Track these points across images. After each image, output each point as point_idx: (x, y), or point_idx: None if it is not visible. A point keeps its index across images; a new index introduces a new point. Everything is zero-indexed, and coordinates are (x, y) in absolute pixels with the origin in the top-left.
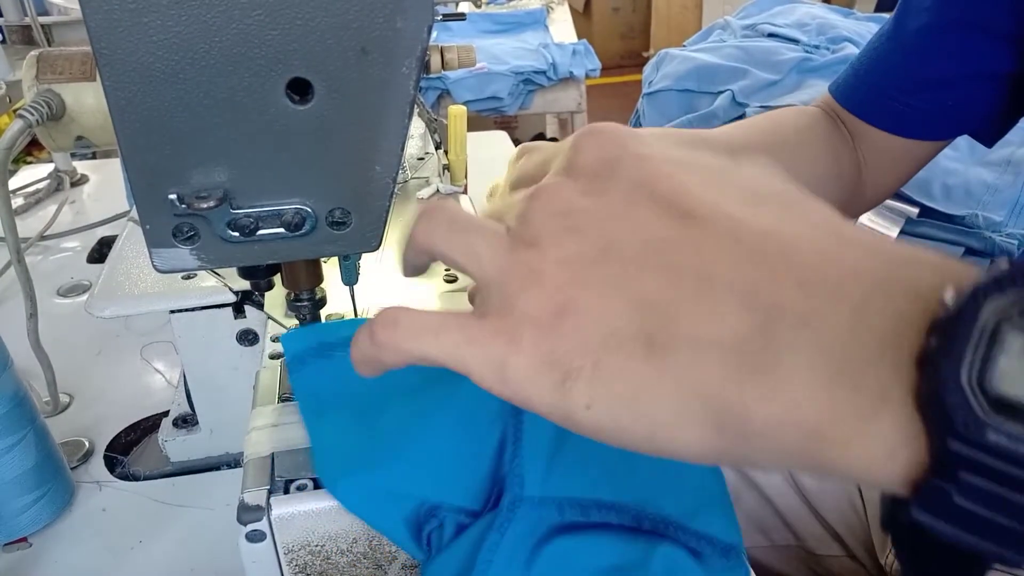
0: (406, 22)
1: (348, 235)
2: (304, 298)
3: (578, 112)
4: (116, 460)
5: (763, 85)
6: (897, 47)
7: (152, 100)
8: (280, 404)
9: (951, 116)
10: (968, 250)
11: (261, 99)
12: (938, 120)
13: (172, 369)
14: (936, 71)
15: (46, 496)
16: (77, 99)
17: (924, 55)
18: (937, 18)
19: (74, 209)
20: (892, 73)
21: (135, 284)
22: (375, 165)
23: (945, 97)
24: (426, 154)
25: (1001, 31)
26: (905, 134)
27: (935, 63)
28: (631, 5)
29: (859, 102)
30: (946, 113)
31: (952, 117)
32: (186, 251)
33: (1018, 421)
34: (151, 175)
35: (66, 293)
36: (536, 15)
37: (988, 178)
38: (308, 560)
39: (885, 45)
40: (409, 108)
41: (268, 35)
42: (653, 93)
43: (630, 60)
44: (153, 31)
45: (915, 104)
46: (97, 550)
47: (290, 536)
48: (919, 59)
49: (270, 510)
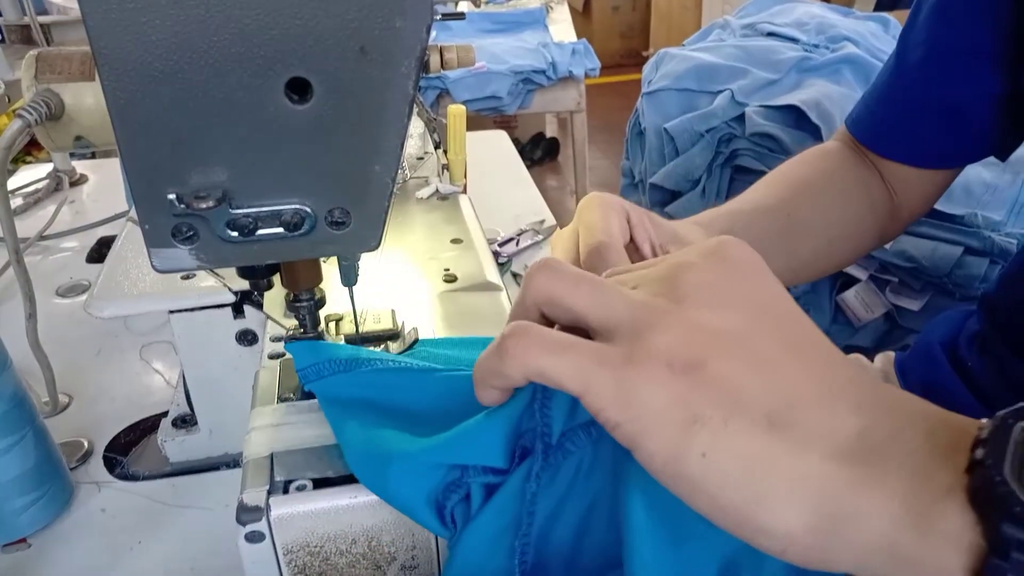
0: (405, 22)
1: (347, 235)
2: (303, 298)
3: (577, 111)
4: (115, 460)
5: (762, 84)
6: (900, 81)
7: (151, 100)
8: (279, 404)
9: (961, 142)
10: (967, 249)
11: (260, 99)
12: (948, 147)
13: (171, 369)
14: (939, 99)
15: (45, 496)
16: (76, 99)
17: (925, 85)
18: (932, 50)
19: (73, 209)
20: (899, 106)
21: (134, 284)
22: (374, 165)
23: (951, 123)
24: (425, 153)
25: (990, 54)
26: (919, 164)
27: (936, 92)
28: (631, 4)
29: (873, 137)
30: (956, 139)
31: (962, 142)
32: (185, 251)
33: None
34: (150, 175)
35: (65, 293)
36: (535, 14)
37: (988, 177)
38: (307, 560)
39: (891, 79)
40: (408, 108)
41: (267, 35)
42: (652, 92)
43: (630, 59)
44: (152, 31)
45: (924, 135)
46: (96, 550)
47: (289, 536)
48: (922, 90)
49: (269, 510)
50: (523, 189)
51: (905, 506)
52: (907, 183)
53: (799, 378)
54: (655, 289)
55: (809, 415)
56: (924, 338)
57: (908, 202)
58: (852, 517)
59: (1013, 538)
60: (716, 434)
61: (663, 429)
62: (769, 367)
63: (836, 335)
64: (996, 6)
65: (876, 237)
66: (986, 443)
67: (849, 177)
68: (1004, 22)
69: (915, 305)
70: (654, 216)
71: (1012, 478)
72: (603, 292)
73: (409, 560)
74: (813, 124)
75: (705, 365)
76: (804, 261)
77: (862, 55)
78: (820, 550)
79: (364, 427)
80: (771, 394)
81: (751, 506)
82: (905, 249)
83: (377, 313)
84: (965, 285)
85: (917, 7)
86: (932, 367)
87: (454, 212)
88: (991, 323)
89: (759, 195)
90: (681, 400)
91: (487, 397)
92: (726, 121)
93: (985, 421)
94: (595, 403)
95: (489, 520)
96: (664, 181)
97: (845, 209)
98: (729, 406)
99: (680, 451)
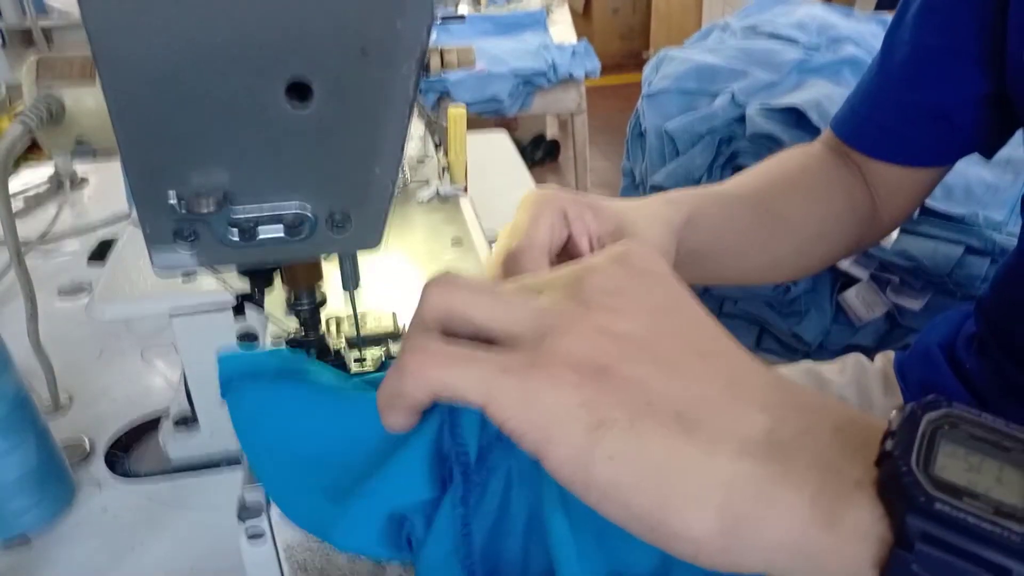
0: (406, 23)
1: (348, 237)
2: (304, 299)
3: (578, 113)
4: (116, 460)
5: (763, 85)
6: (885, 80)
7: (151, 102)
8: None
9: (945, 141)
10: (969, 249)
11: (261, 100)
12: (933, 146)
13: (172, 370)
14: (922, 99)
15: (47, 496)
16: (77, 101)
17: (909, 85)
18: (916, 50)
19: (74, 211)
20: (884, 105)
21: (135, 286)
22: (375, 167)
23: (935, 123)
24: (426, 155)
25: (972, 55)
26: (904, 163)
27: (920, 92)
28: (631, 6)
29: (858, 136)
30: (940, 139)
31: (946, 142)
32: (186, 252)
33: (955, 495)
34: (151, 176)
35: (66, 294)
36: (536, 16)
37: (988, 177)
38: (307, 558)
39: (875, 79)
40: (409, 109)
41: (267, 37)
42: (653, 94)
43: (630, 61)
44: (152, 32)
45: (908, 133)
46: (97, 550)
47: (290, 534)
48: (906, 89)
49: (270, 509)
50: (524, 190)
51: (813, 502)
52: (891, 183)
53: (706, 379)
54: (560, 294)
55: (717, 415)
56: (923, 339)
57: (891, 204)
58: (761, 516)
59: (917, 529)
60: (623, 436)
61: (569, 435)
62: (675, 369)
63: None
64: (978, 5)
65: (854, 240)
66: (894, 434)
67: (830, 176)
68: (986, 21)
69: (916, 305)
70: (600, 205)
71: (918, 468)
72: (504, 300)
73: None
74: (813, 125)
75: (611, 368)
76: (778, 257)
77: (863, 56)
78: (730, 552)
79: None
80: (678, 395)
81: (662, 511)
82: (906, 249)
83: (378, 315)
84: (966, 285)
85: (904, 7)
86: (930, 368)
87: (455, 213)
88: (987, 325)
89: (737, 183)
90: (587, 404)
91: (394, 422)
92: (726, 122)
93: (894, 413)
94: (499, 413)
95: (433, 549)
96: (665, 182)
97: (823, 207)
98: (636, 408)
99: (587, 456)
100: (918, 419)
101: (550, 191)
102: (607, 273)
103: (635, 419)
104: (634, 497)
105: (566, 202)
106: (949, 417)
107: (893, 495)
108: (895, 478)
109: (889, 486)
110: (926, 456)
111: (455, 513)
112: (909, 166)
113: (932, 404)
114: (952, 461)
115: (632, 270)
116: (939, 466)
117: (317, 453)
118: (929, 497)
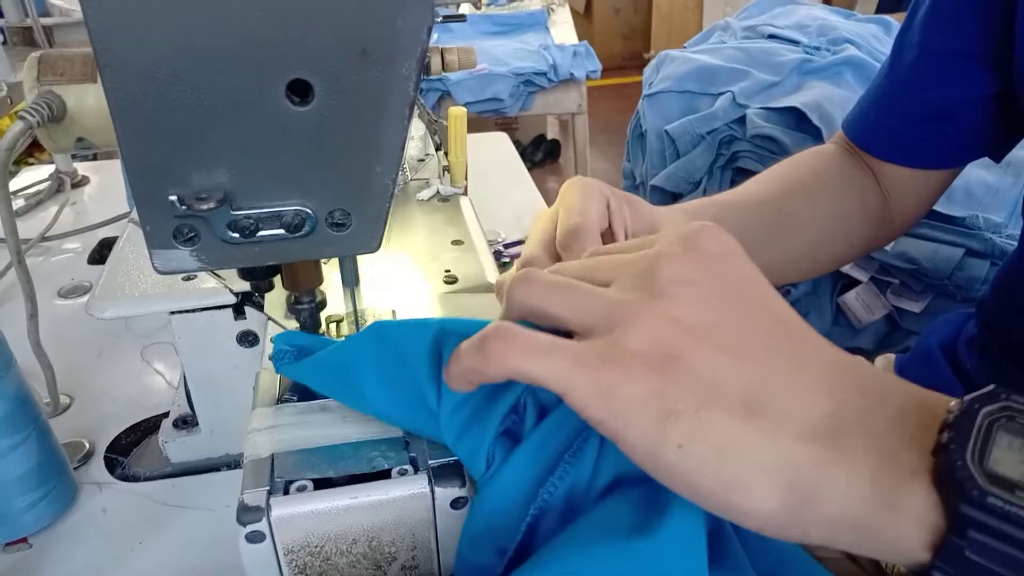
0: (406, 23)
1: (348, 236)
2: (304, 299)
3: (578, 113)
4: (116, 461)
5: (763, 86)
6: (894, 83)
7: (152, 101)
8: (280, 405)
9: (953, 143)
10: (969, 251)
11: (261, 100)
12: (941, 149)
13: (172, 370)
14: (931, 101)
15: (48, 496)
16: (78, 100)
17: (918, 87)
18: (924, 51)
19: (75, 210)
20: (893, 108)
21: (135, 285)
22: (375, 166)
23: (944, 125)
24: (426, 155)
25: (978, 55)
26: (913, 165)
27: (929, 93)
28: (632, 6)
29: (867, 138)
30: (948, 141)
31: (954, 144)
32: (186, 252)
33: (1008, 490)
34: (151, 176)
35: (67, 294)
36: (537, 16)
37: (989, 179)
38: (308, 561)
39: (884, 82)
40: (409, 109)
41: (268, 36)
42: (653, 94)
43: (631, 61)
44: (154, 32)
45: (917, 136)
46: (97, 550)
47: (290, 537)
48: (915, 91)
49: (270, 511)
50: (524, 191)
51: (871, 485)
52: (902, 185)
53: (772, 364)
54: (631, 284)
55: (781, 399)
56: (923, 341)
57: (902, 206)
58: (822, 495)
59: (970, 519)
60: (690, 425)
61: (641, 424)
62: (743, 354)
63: (837, 337)
64: (986, 7)
65: (867, 240)
66: (952, 427)
67: (842, 178)
68: (993, 23)
69: (916, 307)
70: (635, 200)
71: (972, 462)
72: (578, 295)
73: (409, 560)
74: (814, 126)
75: (679, 359)
76: (790, 258)
77: (863, 57)
78: (794, 526)
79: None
80: (744, 381)
81: (727, 490)
82: (906, 251)
83: (378, 314)
84: (966, 287)
85: (914, 9)
86: (931, 370)
87: (455, 213)
88: (987, 327)
89: (750, 189)
90: (656, 395)
91: (459, 388)
92: (727, 123)
93: (954, 404)
94: (578, 402)
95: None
96: (665, 183)
97: (836, 208)
98: (702, 397)
99: (658, 444)
100: (975, 413)
101: (593, 180)
102: (678, 261)
103: (701, 408)
104: (700, 480)
105: (609, 192)
106: (1007, 410)
107: (948, 487)
108: (950, 471)
109: (944, 479)
110: (982, 449)
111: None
112: (918, 168)
113: (990, 396)
114: (1008, 454)
115: (703, 255)
116: (994, 459)
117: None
118: (982, 491)
